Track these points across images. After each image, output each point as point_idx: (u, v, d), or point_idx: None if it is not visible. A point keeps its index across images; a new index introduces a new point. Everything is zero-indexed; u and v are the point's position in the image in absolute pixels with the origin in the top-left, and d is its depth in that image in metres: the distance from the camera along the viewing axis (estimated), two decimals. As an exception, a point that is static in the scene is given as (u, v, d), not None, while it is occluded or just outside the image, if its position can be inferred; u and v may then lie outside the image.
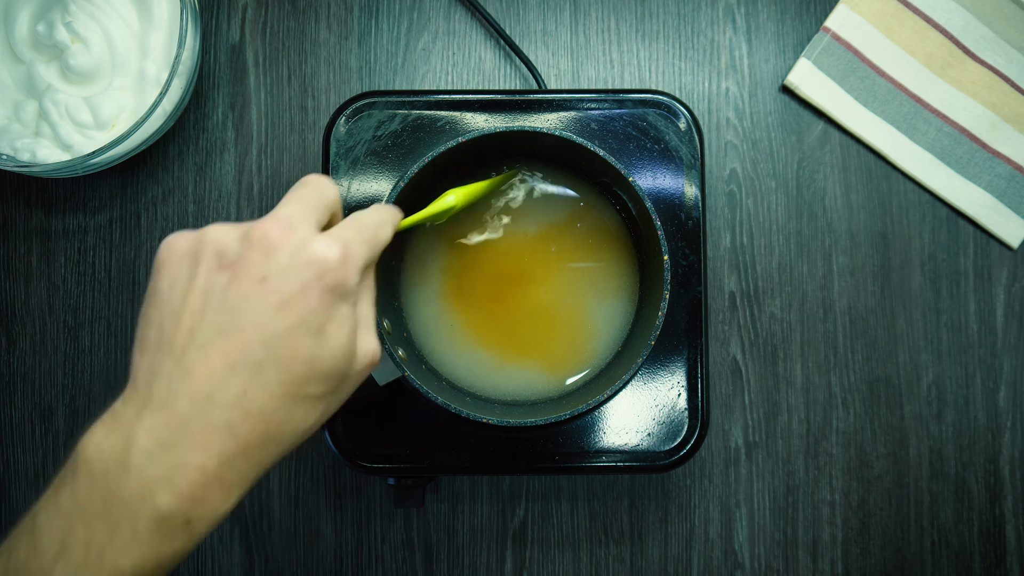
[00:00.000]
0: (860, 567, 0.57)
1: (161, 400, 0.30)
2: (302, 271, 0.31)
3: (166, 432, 0.30)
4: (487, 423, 0.45)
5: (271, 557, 0.57)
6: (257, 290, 0.31)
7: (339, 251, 0.32)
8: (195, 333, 0.31)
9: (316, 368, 0.32)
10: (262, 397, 0.31)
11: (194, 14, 0.54)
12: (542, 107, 0.52)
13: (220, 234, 0.33)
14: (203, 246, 0.32)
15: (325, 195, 0.35)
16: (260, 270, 0.31)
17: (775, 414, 0.58)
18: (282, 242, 0.32)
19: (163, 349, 0.31)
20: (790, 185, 0.59)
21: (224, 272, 0.32)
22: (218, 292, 0.31)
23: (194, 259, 0.32)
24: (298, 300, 0.31)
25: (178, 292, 0.32)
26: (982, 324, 0.59)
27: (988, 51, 0.60)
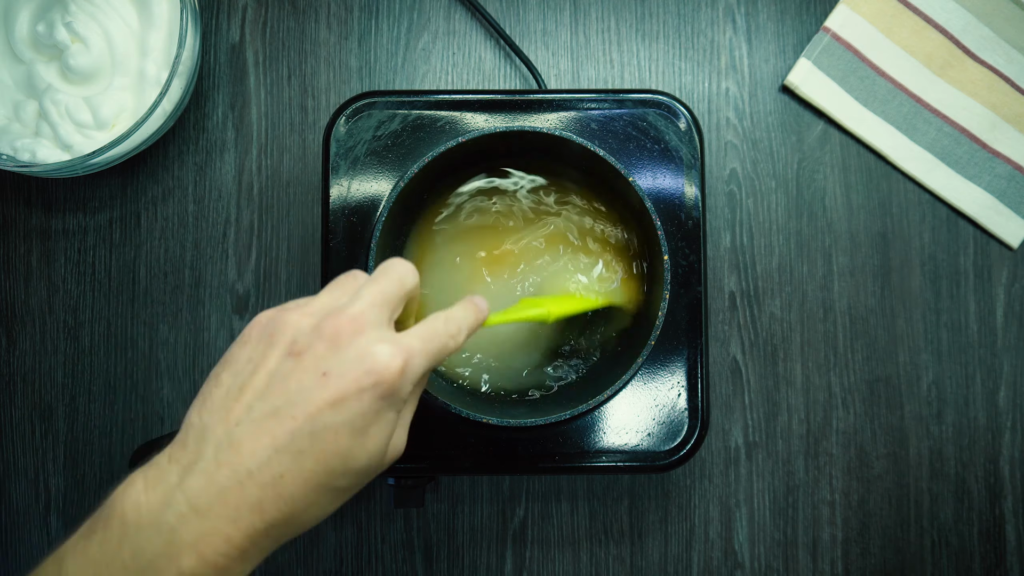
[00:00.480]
0: (860, 567, 0.57)
1: (205, 465, 0.32)
2: (361, 376, 0.33)
3: (203, 498, 0.31)
4: (487, 423, 0.45)
5: (271, 557, 0.57)
6: (316, 383, 0.33)
7: (400, 363, 0.33)
8: (252, 409, 0.33)
9: (350, 465, 0.33)
10: (296, 483, 0.32)
11: (194, 14, 0.54)
12: (542, 107, 0.52)
13: (299, 321, 0.34)
14: (282, 329, 0.34)
15: (405, 286, 0.37)
16: (323, 365, 0.33)
17: (775, 414, 0.58)
18: (351, 342, 0.33)
19: (219, 415, 0.33)
20: (790, 185, 0.59)
21: (291, 359, 0.33)
22: (281, 376, 0.33)
23: (272, 341, 0.34)
24: (351, 401, 0.33)
25: (250, 367, 0.34)
26: (982, 324, 0.59)
27: (988, 51, 0.60)
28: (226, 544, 0.31)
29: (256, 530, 0.32)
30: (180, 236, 0.59)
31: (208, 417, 0.33)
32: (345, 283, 0.37)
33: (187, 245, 0.58)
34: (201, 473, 0.32)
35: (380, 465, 0.35)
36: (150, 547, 0.31)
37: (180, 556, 0.31)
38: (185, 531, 0.31)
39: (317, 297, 0.37)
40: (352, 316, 0.34)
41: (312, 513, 0.34)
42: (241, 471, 0.32)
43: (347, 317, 0.34)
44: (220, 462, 0.32)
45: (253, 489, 0.32)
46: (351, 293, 0.36)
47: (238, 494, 0.32)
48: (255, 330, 0.35)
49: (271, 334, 0.34)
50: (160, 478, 0.32)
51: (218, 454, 0.32)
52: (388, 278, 0.36)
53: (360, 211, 0.50)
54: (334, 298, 0.36)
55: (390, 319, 0.36)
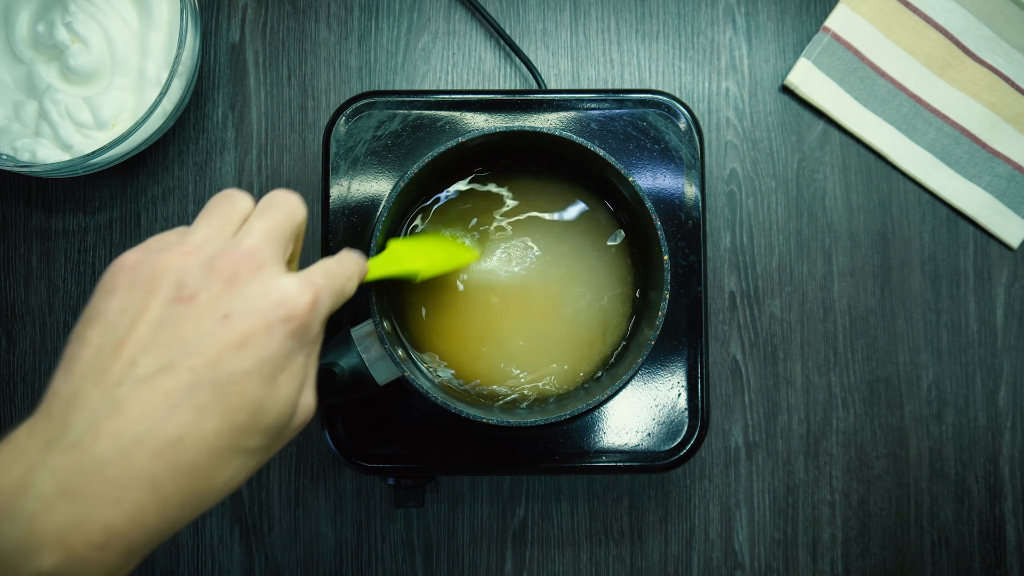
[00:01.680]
0: (860, 567, 0.57)
1: (77, 437, 0.26)
2: (268, 312, 0.29)
3: (74, 477, 0.25)
4: (487, 423, 0.45)
5: (271, 557, 0.57)
6: (216, 327, 0.28)
7: (311, 296, 0.30)
8: (135, 365, 0.27)
9: (259, 419, 0.29)
10: (197, 447, 0.27)
11: (194, 14, 0.54)
12: (542, 107, 0.52)
13: (182, 262, 0.30)
14: (161, 274, 0.29)
15: (295, 219, 0.33)
16: (223, 306, 0.29)
17: (775, 414, 0.58)
18: (251, 279, 0.29)
19: (94, 378, 0.27)
20: (790, 185, 0.59)
21: (181, 304, 0.29)
22: (170, 325, 0.28)
23: (149, 287, 0.29)
24: (259, 341, 0.28)
25: (126, 320, 0.28)
26: (982, 324, 0.59)
27: (988, 51, 0.60)
28: (104, 533, 0.25)
29: (146, 512, 0.26)
30: (180, 236, 0.59)
31: (78, 382, 0.27)
32: (222, 209, 0.32)
33: (187, 245, 0.58)
34: (72, 447, 0.26)
35: (289, 424, 0.31)
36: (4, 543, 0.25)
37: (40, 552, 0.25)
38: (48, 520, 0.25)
39: (192, 230, 0.31)
40: (247, 252, 0.30)
41: (217, 483, 0.28)
42: (126, 439, 0.26)
43: (242, 253, 0.30)
44: (98, 431, 0.26)
45: (142, 459, 0.26)
46: (234, 224, 0.32)
47: (122, 467, 0.26)
48: (121, 276, 0.29)
49: (147, 279, 0.29)
50: (17, 457, 0.26)
51: (95, 422, 0.26)
52: (278, 210, 0.32)
53: (360, 211, 0.50)
54: (215, 229, 0.31)
55: (284, 256, 0.32)
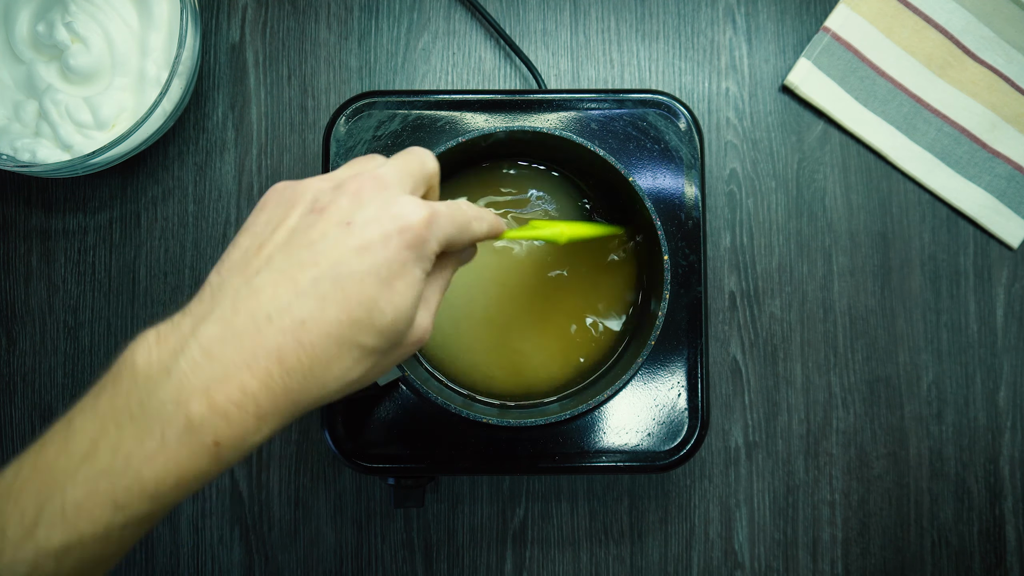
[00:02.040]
0: (860, 567, 0.57)
1: (221, 313, 0.31)
2: (386, 222, 0.32)
3: (216, 343, 0.30)
4: (487, 423, 0.45)
5: (271, 557, 0.57)
6: (339, 231, 0.32)
7: (426, 214, 0.33)
8: (272, 260, 0.32)
9: (376, 319, 0.32)
10: (319, 330, 0.31)
11: (194, 14, 0.54)
12: (542, 107, 0.52)
13: (320, 185, 0.34)
14: (303, 193, 0.34)
15: (426, 167, 0.36)
16: (347, 215, 0.32)
17: (775, 414, 0.58)
18: (374, 195, 0.33)
19: (237, 269, 0.32)
20: (790, 185, 0.59)
21: (313, 215, 0.33)
22: (303, 229, 0.32)
23: (291, 203, 0.34)
24: (376, 247, 0.32)
25: (269, 228, 0.33)
26: (982, 324, 0.59)
27: (988, 51, 0.60)
28: (239, 392, 0.30)
29: (273, 379, 0.30)
30: (180, 236, 0.59)
31: (227, 273, 0.32)
32: (363, 161, 0.37)
33: (187, 245, 0.58)
34: (217, 320, 0.30)
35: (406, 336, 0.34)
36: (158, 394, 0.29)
37: (189, 401, 0.29)
38: (195, 376, 0.29)
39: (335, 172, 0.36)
40: (374, 176, 0.34)
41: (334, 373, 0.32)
42: (260, 315, 0.30)
43: (369, 176, 0.34)
44: (237, 308, 0.31)
45: (272, 334, 0.30)
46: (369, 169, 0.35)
47: (255, 338, 0.30)
48: (272, 196, 0.34)
49: (290, 197, 0.34)
50: (173, 330, 0.31)
51: (236, 301, 0.31)
52: (409, 156, 0.36)
53: (360, 211, 0.50)
54: (353, 170, 0.35)
55: (412, 192, 0.35)
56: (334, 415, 0.50)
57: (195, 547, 0.57)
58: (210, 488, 0.57)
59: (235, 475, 0.57)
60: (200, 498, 0.57)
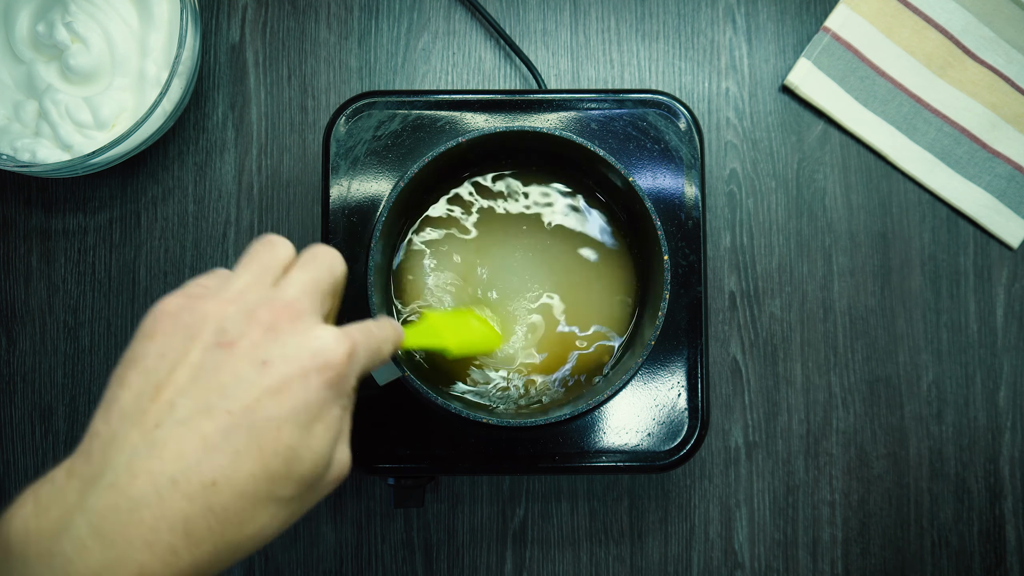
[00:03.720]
0: (860, 567, 0.57)
1: (114, 477, 0.26)
2: (306, 360, 0.29)
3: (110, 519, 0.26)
4: (487, 423, 0.45)
5: (271, 557, 0.57)
6: (255, 372, 0.29)
7: (348, 347, 0.30)
8: (174, 407, 0.28)
9: (293, 468, 0.29)
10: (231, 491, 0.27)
11: (194, 14, 0.54)
12: (542, 107, 0.52)
13: (223, 310, 0.30)
14: (202, 321, 0.30)
15: (334, 274, 0.34)
16: (262, 353, 0.29)
17: (775, 414, 0.58)
18: (291, 328, 0.30)
19: (132, 419, 0.28)
20: (790, 185, 0.59)
21: (221, 350, 0.29)
22: (210, 369, 0.29)
23: (190, 333, 0.30)
24: (296, 388, 0.29)
25: (166, 364, 0.29)
26: (982, 324, 0.59)
27: (988, 51, 0.60)
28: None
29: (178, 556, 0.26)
30: (180, 236, 0.59)
31: (118, 423, 0.28)
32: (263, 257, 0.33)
33: (187, 245, 0.58)
34: (109, 488, 0.26)
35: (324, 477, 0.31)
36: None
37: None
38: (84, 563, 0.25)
39: (232, 276, 0.32)
40: (287, 302, 0.31)
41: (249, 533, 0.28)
42: (162, 480, 0.26)
43: (282, 303, 0.30)
44: (135, 472, 0.26)
45: (176, 502, 0.26)
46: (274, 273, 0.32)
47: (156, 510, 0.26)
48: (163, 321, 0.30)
49: (188, 324, 0.30)
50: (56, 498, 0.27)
51: (132, 462, 0.27)
52: (318, 265, 0.33)
53: (360, 211, 0.50)
54: (255, 277, 0.32)
55: (322, 310, 0.32)
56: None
57: (195, 547, 0.57)
58: (210, 488, 0.57)
59: (235, 475, 0.57)
60: (200, 498, 0.57)
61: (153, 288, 0.58)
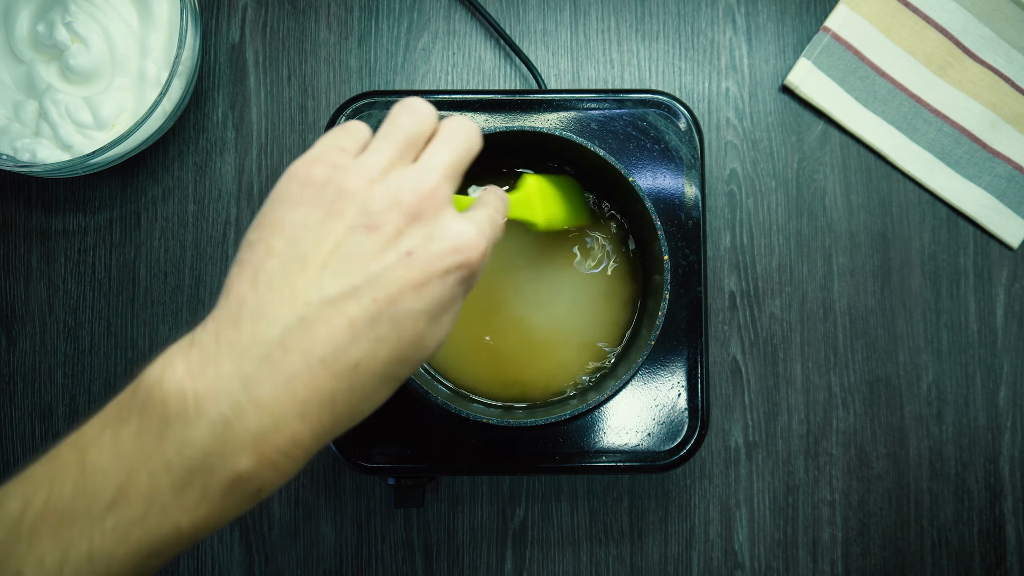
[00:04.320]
0: (860, 567, 0.57)
1: (268, 350, 0.28)
2: (447, 256, 0.30)
3: (268, 389, 0.27)
4: (487, 423, 0.45)
5: (271, 557, 0.57)
6: (400, 263, 0.29)
7: (484, 247, 0.31)
8: (323, 286, 0.29)
9: (420, 354, 0.30)
10: (369, 372, 0.29)
11: (194, 14, 0.54)
12: (542, 107, 0.52)
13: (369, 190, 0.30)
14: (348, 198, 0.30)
15: (472, 153, 0.33)
16: (407, 243, 0.30)
17: (775, 414, 0.58)
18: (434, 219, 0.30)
19: (282, 292, 0.29)
20: (790, 185, 0.59)
21: (367, 233, 0.29)
22: (356, 251, 0.29)
23: (335, 207, 0.30)
24: (436, 284, 0.30)
25: (311, 236, 0.29)
26: (982, 324, 0.59)
27: (988, 51, 0.60)
28: (290, 443, 0.27)
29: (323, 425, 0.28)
30: (180, 236, 0.59)
31: (266, 292, 0.29)
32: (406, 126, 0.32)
33: (187, 245, 0.58)
34: (264, 360, 0.27)
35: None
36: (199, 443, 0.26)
37: (237, 455, 0.27)
38: (244, 426, 0.27)
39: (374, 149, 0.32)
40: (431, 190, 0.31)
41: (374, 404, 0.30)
42: (313, 359, 0.28)
43: (426, 190, 0.30)
44: (288, 347, 0.28)
45: (326, 380, 0.28)
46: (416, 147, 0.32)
47: (308, 385, 0.28)
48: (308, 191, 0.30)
49: (333, 199, 0.30)
50: (209, 361, 0.27)
51: (285, 338, 0.28)
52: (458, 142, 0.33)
53: (360, 211, 0.50)
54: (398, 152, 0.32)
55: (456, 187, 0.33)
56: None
57: (195, 547, 0.57)
58: (210, 488, 0.57)
59: (235, 475, 0.57)
60: (200, 498, 0.57)
61: (153, 288, 0.58)
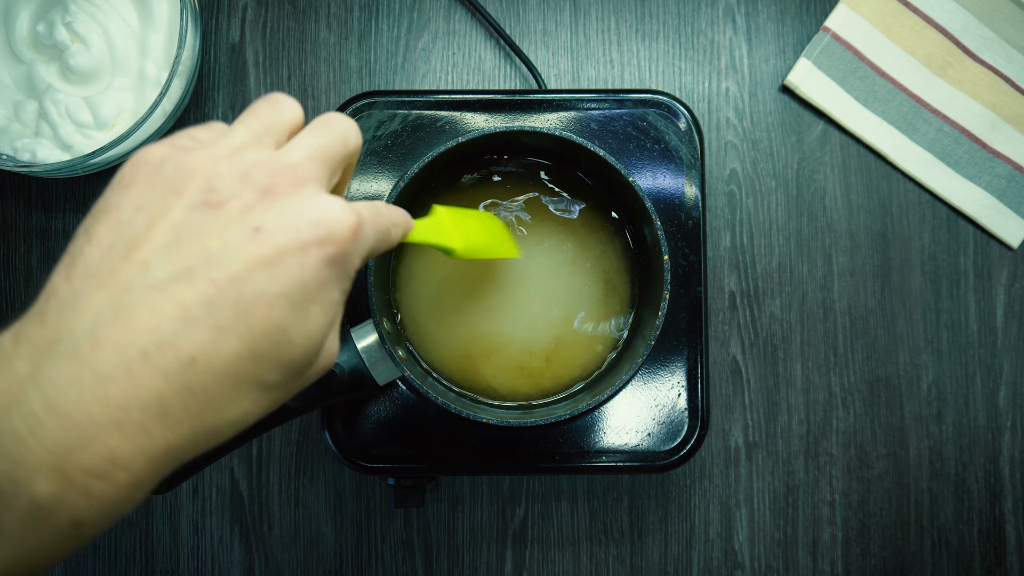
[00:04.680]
0: (860, 567, 0.57)
1: (74, 345, 0.23)
2: (306, 230, 0.25)
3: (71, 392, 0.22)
4: (487, 423, 0.45)
5: (271, 557, 0.57)
6: (245, 239, 0.24)
7: (354, 222, 0.26)
8: (149, 268, 0.24)
9: (283, 352, 0.25)
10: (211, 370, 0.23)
11: (194, 14, 0.54)
12: (542, 107, 0.52)
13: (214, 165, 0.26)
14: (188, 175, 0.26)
15: (348, 144, 0.29)
16: (255, 218, 0.25)
17: (775, 414, 0.58)
18: (290, 193, 0.26)
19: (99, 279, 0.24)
20: (790, 185, 0.59)
21: (208, 210, 0.25)
22: (194, 229, 0.25)
23: (173, 187, 0.25)
24: (292, 262, 0.25)
25: (143, 219, 0.25)
26: (982, 324, 0.59)
27: (988, 51, 0.60)
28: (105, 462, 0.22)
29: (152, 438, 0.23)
30: (180, 236, 0.58)
31: (80, 282, 0.24)
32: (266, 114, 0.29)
33: (187, 245, 0.58)
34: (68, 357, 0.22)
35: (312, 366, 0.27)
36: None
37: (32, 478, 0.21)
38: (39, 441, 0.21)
39: (228, 131, 0.28)
40: (289, 164, 0.26)
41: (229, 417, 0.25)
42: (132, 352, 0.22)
43: (283, 166, 0.26)
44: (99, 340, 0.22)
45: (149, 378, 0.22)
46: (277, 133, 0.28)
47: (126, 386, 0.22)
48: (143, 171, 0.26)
49: (171, 178, 0.25)
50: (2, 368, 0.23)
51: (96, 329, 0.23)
52: (330, 131, 0.29)
53: (360, 211, 0.50)
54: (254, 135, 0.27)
55: (329, 181, 0.28)
56: (334, 415, 0.50)
57: (195, 547, 0.57)
58: (210, 488, 0.57)
59: (235, 475, 0.57)
60: (200, 498, 0.57)
61: (153, 288, 0.58)
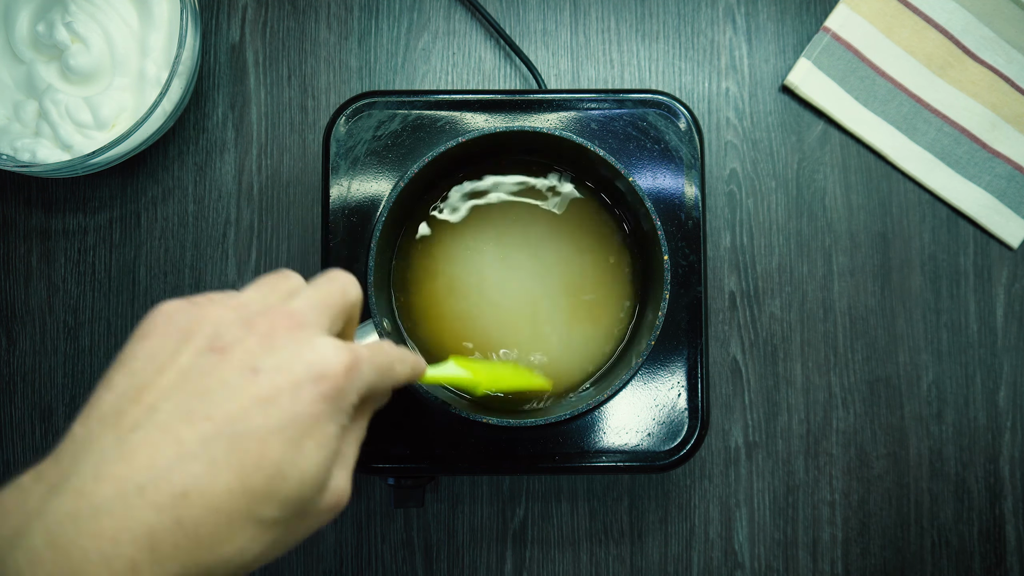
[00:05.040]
0: (860, 567, 0.57)
1: (80, 482, 0.24)
2: (300, 370, 0.27)
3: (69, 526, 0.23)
4: (487, 423, 0.45)
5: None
6: (243, 380, 0.26)
7: (348, 360, 0.28)
8: (154, 411, 0.26)
9: (277, 486, 0.26)
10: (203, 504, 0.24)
11: (194, 14, 0.54)
12: (542, 107, 0.52)
13: (221, 315, 0.28)
14: (198, 324, 0.28)
15: (347, 297, 0.32)
16: (253, 361, 0.27)
17: (775, 414, 0.58)
18: (289, 337, 0.28)
19: (109, 422, 0.26)
20: (790, 185, 0.59)
21: (213, 355, 0.27)
22: (198, 372, 0.27)
23: (185, 336, 0.28)
24: (285, 398, 0.26)
25: (153, 366, 0.27)
26: (982, 324, 0.59)
27: (988, 51, 0.60)
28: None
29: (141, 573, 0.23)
30: (180, 236, 0.59)
31: (95, 425, 0.26)
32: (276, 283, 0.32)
33: (187, 245, 0.58)
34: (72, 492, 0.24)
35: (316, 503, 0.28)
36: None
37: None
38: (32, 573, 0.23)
39: (240, 293, 0.31)
40: (289, 312, 0.29)
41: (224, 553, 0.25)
42: (128, 487, 0.24)
43: (283, 313, 0.29)
44: (101, 476, 0.24)
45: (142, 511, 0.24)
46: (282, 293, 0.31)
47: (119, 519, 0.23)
48: (159, 321, 0.28)
49: (184, 328, 0.28)
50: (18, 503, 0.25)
51: (100, 467, 0.24)
52: (330, 285, 0.32)
53: (360, 211, 0.50)
54: (262, 295, 0.31)
55: (330, 329, 0.31)
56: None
57: (195, 547, 0.57)
58: (210, 488, 0.57)
59: (235, 475, 0.57)
60: (200, 498, 0.57)
61: (153, 288, 0.58)
